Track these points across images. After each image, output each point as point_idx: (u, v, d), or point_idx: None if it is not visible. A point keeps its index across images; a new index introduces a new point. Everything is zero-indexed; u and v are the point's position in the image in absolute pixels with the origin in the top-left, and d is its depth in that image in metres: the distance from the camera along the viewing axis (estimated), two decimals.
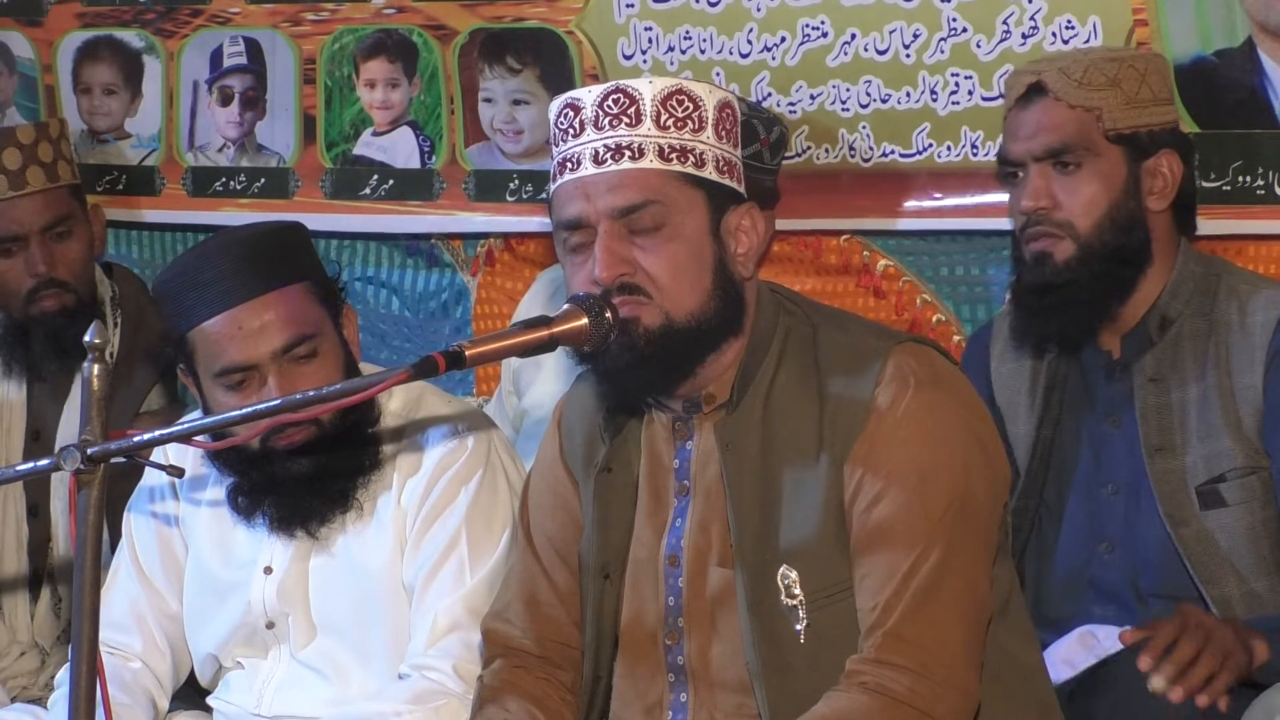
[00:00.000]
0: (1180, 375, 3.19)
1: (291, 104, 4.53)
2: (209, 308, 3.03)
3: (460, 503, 3.09)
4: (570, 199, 2.66)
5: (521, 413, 3.91)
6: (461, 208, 4.35)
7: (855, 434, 2.61)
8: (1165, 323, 3.22)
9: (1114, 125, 3.22)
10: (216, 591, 3.20)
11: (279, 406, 2.58)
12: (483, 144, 4.32)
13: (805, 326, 2.73)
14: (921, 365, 2.66)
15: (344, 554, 3.13)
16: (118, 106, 4.75)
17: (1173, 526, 3.13)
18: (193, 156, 4.69)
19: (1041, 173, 3.23)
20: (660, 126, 2.65)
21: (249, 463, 3.07)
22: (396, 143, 4.44)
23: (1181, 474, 3.15)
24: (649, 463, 2.77)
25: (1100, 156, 3.21)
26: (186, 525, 3.25)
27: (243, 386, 3.03)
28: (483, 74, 4.28)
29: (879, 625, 2.56)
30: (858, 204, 3.92)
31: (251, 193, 4.60)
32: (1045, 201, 3.22)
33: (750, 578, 2.64)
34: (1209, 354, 3.17)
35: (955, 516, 2.59)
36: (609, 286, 2.61)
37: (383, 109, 4.43)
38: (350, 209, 4.48)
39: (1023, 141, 3.26)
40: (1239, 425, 3.12)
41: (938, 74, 3.77)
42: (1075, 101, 3.21)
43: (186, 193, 4.69)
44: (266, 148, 4.60)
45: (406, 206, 4.41)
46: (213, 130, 4.66)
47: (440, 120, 4.34)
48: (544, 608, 2.86)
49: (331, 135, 4.51)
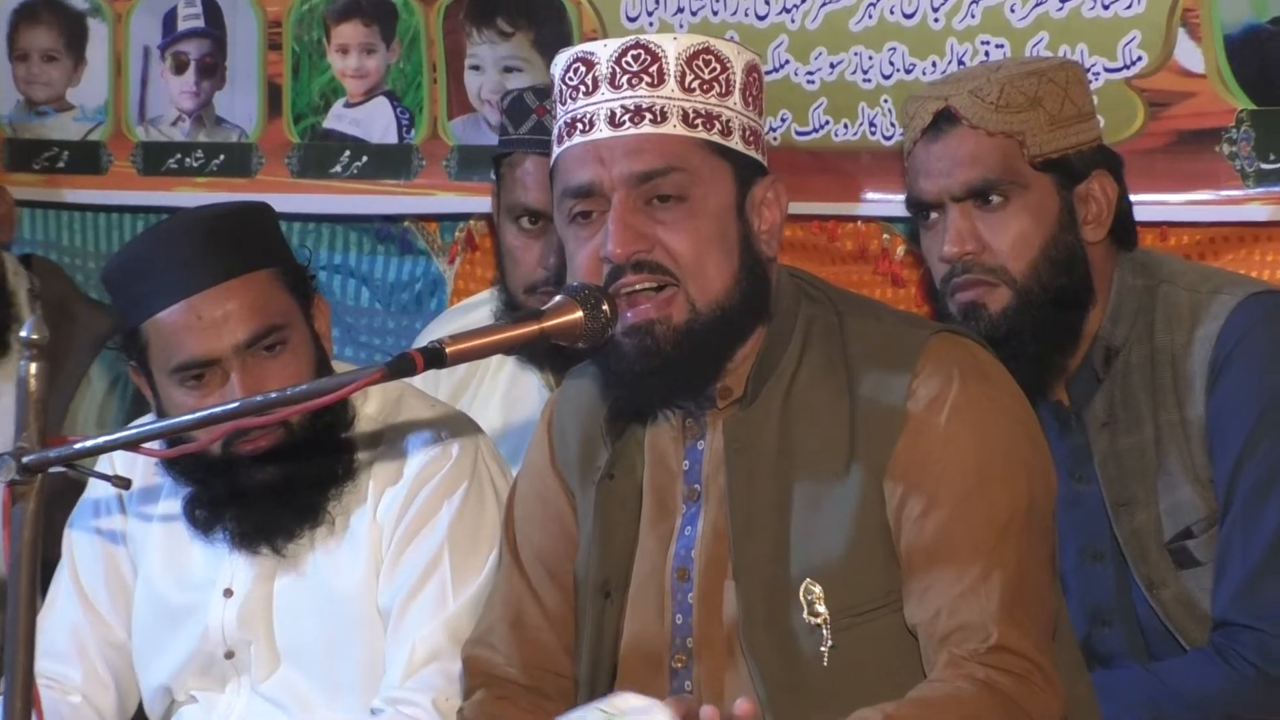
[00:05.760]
0: (1132, 414, 3.12)
1: (254, 72, 4.55)
2: (164, 297, 3.00)
3: (443, 517, 3.07)
4: (580, 163, 2.64)
5: None
6: (441, 187, 4.36)
7: (893, 437, 2.60)
8: (1110, 354, 3.15)
9: (1040, 151, 3.13)
10: (169, 617, 3.17)
11: (242, 407, 2.57)
12: (468, 117, 4.32)
13: (830, 314, 2.71)
14: (964, 356, 2.65)
15: (313, 574, 3.11)
16: (59, 75, 4.78)
17: (1150, 590, 3.11)
18: (143, 131, 4.71)
19: (963, 213, 3.15)
20: (685, 88, 2.63)
21: (208, 471, 3.05)
22: (371, 115, 4.44)
23: (1150, 530, 3.11)
24: (653, 465, 2.75)
25: (1028, 188, 3.13)
26: (135, 543, 3.23)
27: (202, 384, 3.01)
28: (470, 38, 4.29)
29: (964, 629, 2.56)
30: (877, 185, 3.90)
31: (209, 171, 4.62)
32: (971, 245, 3.13)
33: (760, 593, 2.63)
34: (1158, 385, 3.12)
35: (1023, 522, 2.60)
36: (623, 264, 2.59)
37: (356, 78, 4.45)
38: (319, 188, 4.49)
39: (937, 179, 3.16)
40: (1194, 468, 3.07)
41: (967, 41, 3.75)
42: (994, 128, 3.12)
43: (136, 171, 4.71)
44: (226, 121, 4.61)
45: (381, 186, 4.44)
46: (166, 101, 4.68)
47: (421, 90, 4.35)
48: (531, 631, 2.84)
49: (299, 107, 4.52)
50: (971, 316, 3.13)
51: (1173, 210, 3.55)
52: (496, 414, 3.75)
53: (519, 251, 3.64)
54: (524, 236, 3.63)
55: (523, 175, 3.62)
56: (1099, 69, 3.54)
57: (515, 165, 3.65)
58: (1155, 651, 3.14)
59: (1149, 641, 3.14)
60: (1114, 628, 3.17)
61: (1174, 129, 3.54)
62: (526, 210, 3.62)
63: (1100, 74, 3.54)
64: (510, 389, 3.76)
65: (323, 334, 3.13)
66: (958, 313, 3.16)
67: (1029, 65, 3.22)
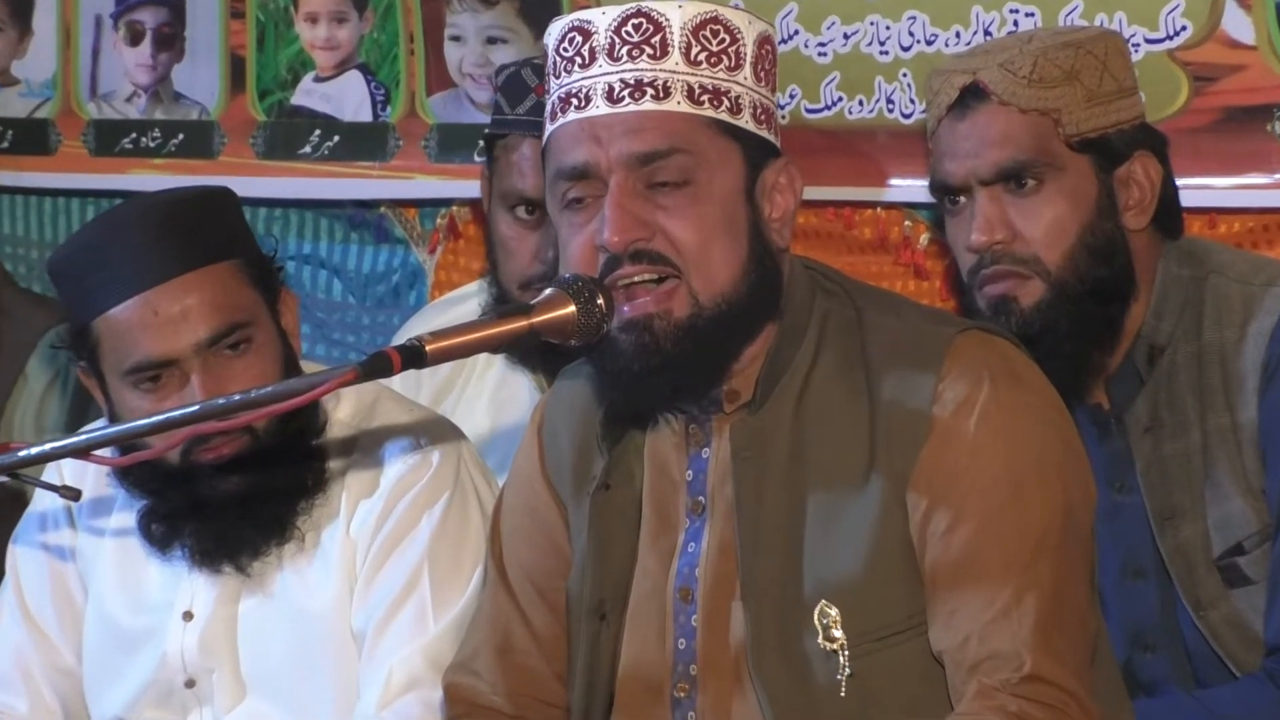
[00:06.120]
0: (1178, 418, 3.13)
1: (216, 43, 4.58)
2: (118, 291, 3.00)
3: (422, 532, 3.07)
4: (575, 142, 2.63)
5: None
6: (420, 169, 4.38)
7: (918, 445, 2.59)
8: (1154, 353, 3.16)
9: (1077, 129, 3.13)
10: (123, 642, 3.17)
11: (203, 411, 2.57)
12: (449, 92, 4.34)
13: (847, 309, 2.71)
14: (994, 357, 2.64)
15: (281, 595, 3.11)
16: (2, 46, 4.81)
17: (1196, 611, 3.11)
18: (95, 107, 4.74)
19: (992, 198, 3.15)
20: (690, 61, 2.62)
21: (165, 481, 3.05)
22: (343, 90, 4.48)
23: (1197, 545, 3.11)
24: (653, 475, 2.75)
25: (1063, 171, 3.13)
26: (85, 560, 3.23)
27: (159, 387, 3.01)
28: (450, 6, 4.32)
29: (995, 657, 2.55)
30: (897, 167, 3.91)
31: (167, 151, 4.65)
32: (1001, 233, 3.13)
33: (771, 616, 2.62)
34: (1206, 386, 3.12)
35: (1060, 537, 2.59)
36: (620, 254, 2.58)
37: (326, 49, 4.48)
38: (286, 171, 4.51)
39: (964, 161, 3.16)
40: (1245, 477, 3.08)
41: (994, 9, 3.76)
42: (1026, 105, 3.12)
43: (88, 151, 4.74)
44: (185, 97, 4.65)
45: (354, 168, 4.45)
46: (119, 75, 4.71)
47: (397, 63, 4.39)
48: (519, 656, 2.84)
49: (264, 82, 4.56)
50: (1002, 311, 3.14)
51: (1220, 195, 3.57)
52: (484, 418, 3.75)
53: (513, 243, 3.62)
54: (519, 227, 3.61)
55: (519, 160, 3.60)
56: (1139, 40, 3.56)
57: (511, 149, 3.62)
58: (1202, 678, 3.14)
59: (1196, 667, 3.15)
60: (1158, 652, 3.18)
61: (1221, 105, 3.55)
62: (523, 199, 3.60)
63: (1140, 45, 3.55)
64: (499, 391, 3.76)
65: (291, 331, 3.12)
66: (986, 307, 3.16)
67: (1064, 36, 3.22)
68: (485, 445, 3.48)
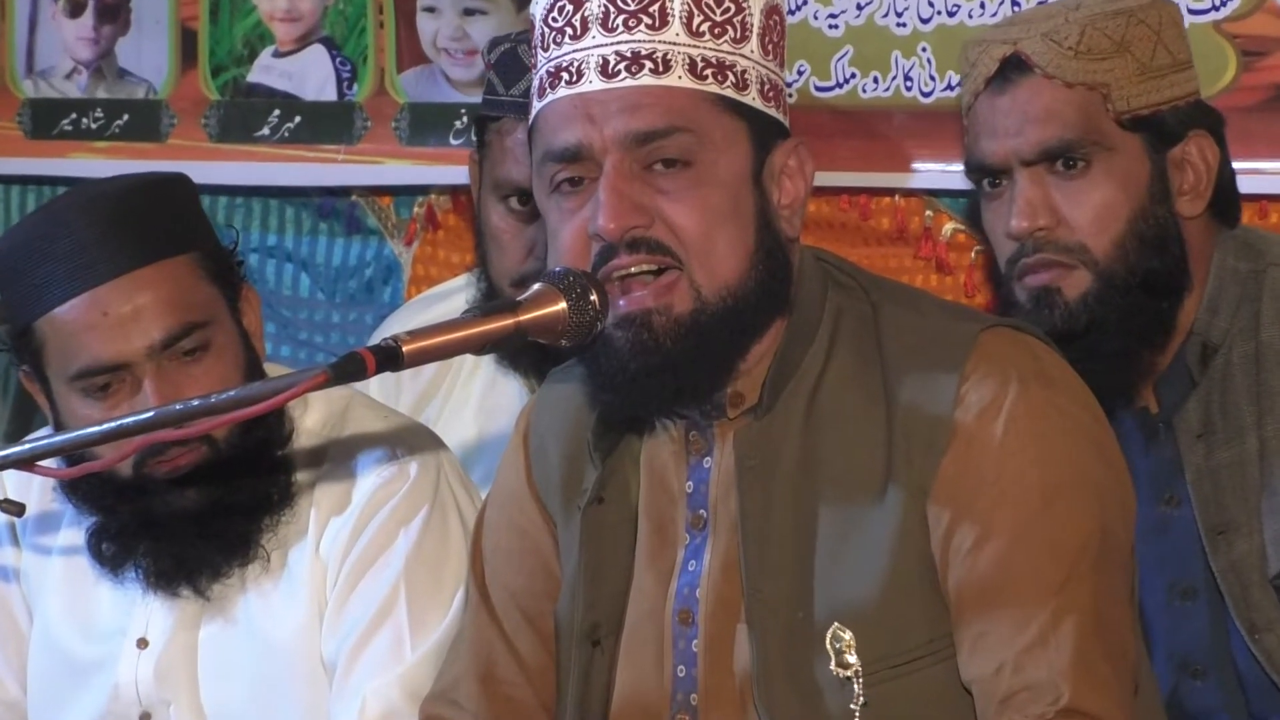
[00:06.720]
0: (1233, 423, 3.14)
1: (164, 14, 4.58)
2: (62, 289, 3.01)
3: (398, 551, 3.08)
4: (566, 121, 2.63)
5: None
6: (392, 153, 4.39)
7: (939, 453, 2.60)
8: (1208, 352, 3.17)
9: (1128, 106, 3.16)
10: (72, 671, 3.18)
11: (157, 418, 2.57)
12: (421, 69, 4.37)
13: (862, 304, 2.72)
14: (1023, 355, 2.65)
15: (244, 620, 3.11)
16: None
17: (1251, 634, 3.11)
18: (31, 85, 4.74)
19: (1034, 180, 3.17)
20: (693, 32, 2.62)
21: (117, 496, 3.05)
22: (305, 66, 4.50)
23: (1252, 562, 3.11)
24: (650, 486, 2.76)
25: (1112, 151, 3.16)
26: (30, 581, 3.24)
27: (109, 394, 3.01)
28: None
29: (1031, 689, 2.54)
30: (917, 151, 3.92)
31: (111, 133, 4.65)
32: (1044, 219, 3.16)
33: (779, 640, 2.63)
34: (1264, 388, 3.13)
35: (1098, 553, 2.59)
36: (615, 242, 2.58)
37: (287, 21, 4.49)
38: (243, 155, 4.52)
39: (1004, 139, 3.19)
40: None
41: None
42: (1073, 78, 3.15)
43: (24, 133, 4.74)
44: (131, 73, 4.64)
45: (319, 151, 4.45)
46: (59, 50, 4.71)
47: (365, 36, 4.40)
48: (504, 686, 2.85)
49: (219, 57, 4.56)
50: (1044, 304, 3.15)
51: (1272, 180, 3.59)
52: (470, 426, 3.75)
53: (505, 236, 3.62)
54: (512, 219, 3.61)
55: (513, 146, 3.58)
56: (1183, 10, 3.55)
57: (504, 133, 3.61)
58: (1256, 708, 3.16)
59: (1249, 696, 3.16)
60: (1207, 679, 3.20)
61: (1272, 82, 3.59)
62: (517, 189, 3.58)
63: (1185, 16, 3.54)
64: (487, 397, 3.76)
65: (253, 331, 3.14)
66: (1027, 300, 3.17)
67: (1114, 3, 3.22)
68: (471, 456, 3.49)
